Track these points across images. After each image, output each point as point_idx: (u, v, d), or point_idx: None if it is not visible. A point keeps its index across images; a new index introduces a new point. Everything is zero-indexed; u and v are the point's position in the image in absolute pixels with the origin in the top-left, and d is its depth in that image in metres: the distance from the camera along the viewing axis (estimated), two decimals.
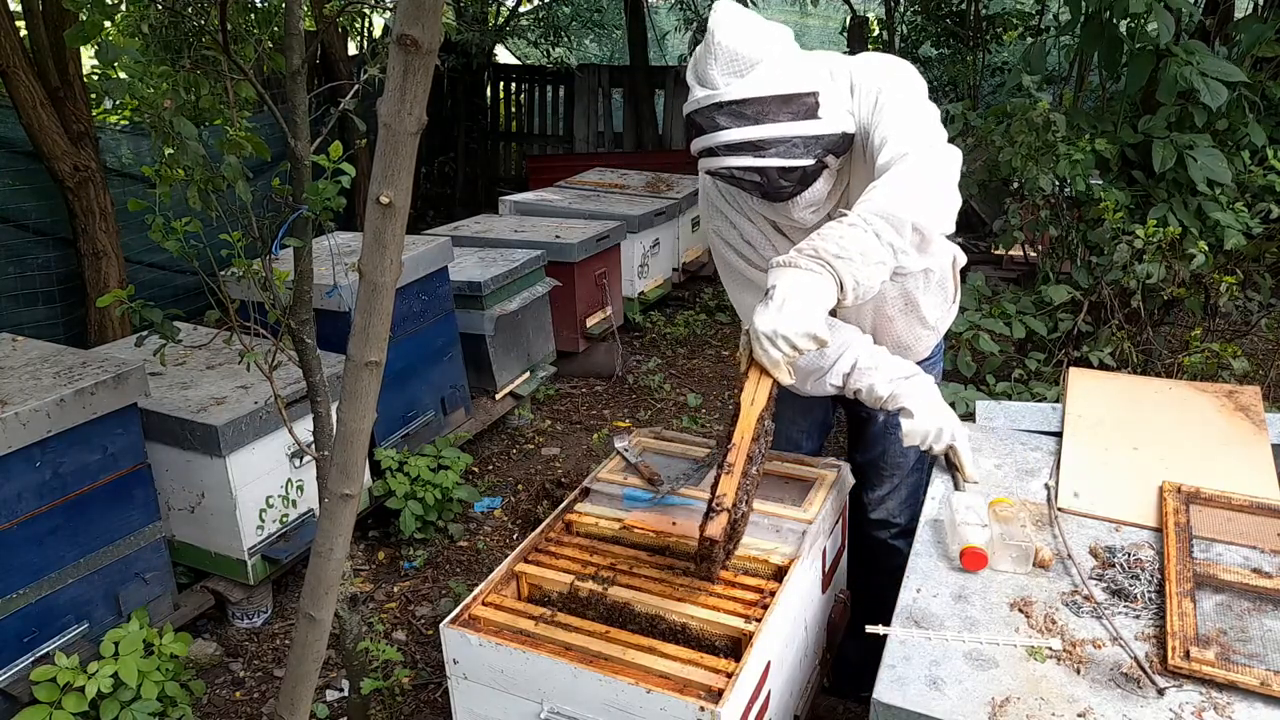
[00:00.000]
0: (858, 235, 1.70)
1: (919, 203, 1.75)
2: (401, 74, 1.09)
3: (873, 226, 1.71)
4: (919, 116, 1.88)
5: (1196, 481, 1.94)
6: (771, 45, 1.80)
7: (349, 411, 1.34)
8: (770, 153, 1.81)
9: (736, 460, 1.75)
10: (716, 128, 1.81)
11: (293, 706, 1.58)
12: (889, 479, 2.42)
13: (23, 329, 4.35)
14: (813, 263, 1.68)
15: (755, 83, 1.78)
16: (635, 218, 5.63)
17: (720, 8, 1.81)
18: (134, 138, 5.28)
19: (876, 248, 1.70)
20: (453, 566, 3.60)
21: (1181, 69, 3.30)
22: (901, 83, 1.94)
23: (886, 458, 2.40)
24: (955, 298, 2.33)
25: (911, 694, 1.48)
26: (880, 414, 2.37)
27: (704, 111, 1.82)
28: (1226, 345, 3.22)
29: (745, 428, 1.75)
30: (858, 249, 1.69)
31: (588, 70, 9.37)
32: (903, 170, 1.78)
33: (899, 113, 1.87)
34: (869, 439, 2.44)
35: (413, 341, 3.90)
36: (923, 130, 1.85)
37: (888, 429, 2.38)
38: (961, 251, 2.31)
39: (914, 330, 2.25)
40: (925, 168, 1.79)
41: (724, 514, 1.72)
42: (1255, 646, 1.54)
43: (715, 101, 1.79)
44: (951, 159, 1.85)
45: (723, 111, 1.79)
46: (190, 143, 1.98)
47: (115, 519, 2.79)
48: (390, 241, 1.20)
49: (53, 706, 2.39)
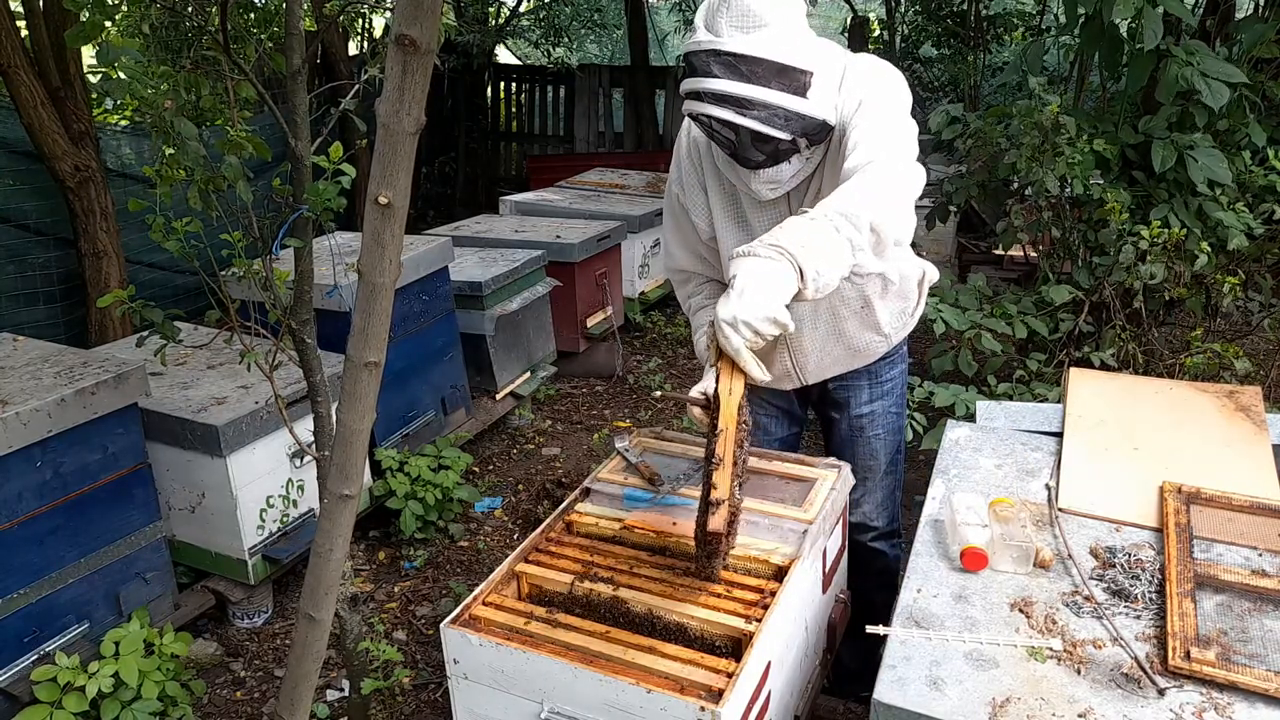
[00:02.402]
0: (818, 228, 1.71)
1: (877, 206, 1.77)
2: (400, 74, 1.09)
3: (832, 222, 1.72)
4: (895, 129, 1.91)
5: (1197, 482, 1.94)
6: (784, 12, 1.82)
7: (348, 412, 1.34)
8: (751, 115, 1.83)
9: (725, 451, 1.74)
10: (709, 74, 1.82)
11: (293, 706, 1.58)
12: (861, 481, 2.43)
13: (23, 329, 4.35)
14: (772, 250, 1.68)
15: (758, 43, 1.79)
16: (636, 218, 5.63)
17: None
18: (134, 138, 5.29)
19: (836, 241, 1.71)
20: (453, 566, 3.60)
21: (1182, 69, 3.30)
22: (887, 92, 1.95)
23: (857, 460, 2.41)
24: (916, 310, 2.37)
25: (912, 694, 1.48)
26: (844, 418, 2.42)
27: (701, 55, 1.83)
28: (1228, 346, 3.22)
29: (728, 418, 1.75)
30: (817, 241, 1.69)
31: (588, 70, 9.37)
32: (866, 177, 1.81)
33: (876, 121, 1.90)
34: (837, 442, 2.48)
35: (413, 341, 3.90)
36: (894, 144, 1.88)
37: (854, 432, 2.42)
38: (934, 269, 2.35)
39: (865, 335, 2.28)
40: (887, 178, 1.82)
41: (723, 506, 1.72)
42: (1256, 647, 1.54)
43: (714, 48, 1.81)
44: (915, 178, 1.88)
45: (719, 60, 1.81)
46: (191, 143, 1.98)
47: (116, 519, 2.79)
48: (389, 242, 1.20)
49: (53, 706, 2.40)
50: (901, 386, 2.47)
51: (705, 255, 2.31)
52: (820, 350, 2.28)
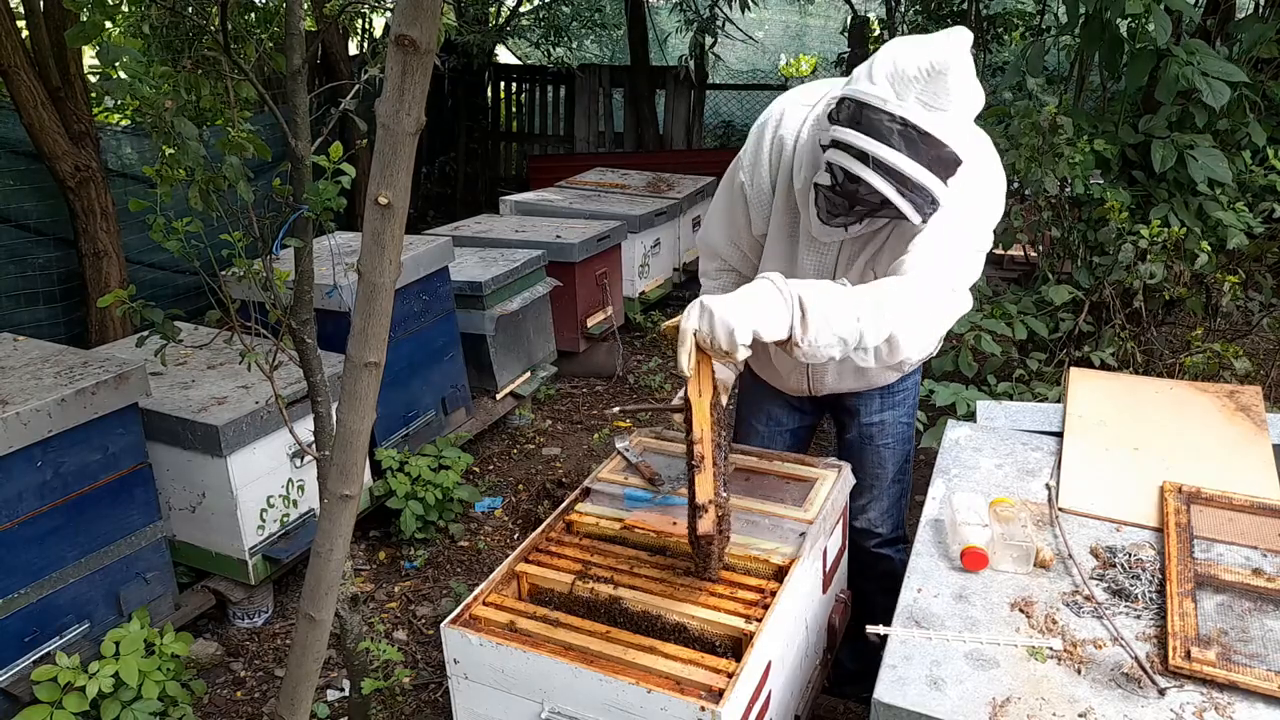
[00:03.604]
0: (841, 304, 1.70)
1: (907, 324, 1.77)
2: (400, 74, 1.09)
3: (859, 310, 1.71)
4: (964, 247, 1.90)
5: (1197, 481, 1.94)
6: (970, 98, 1.76)
7: (348, 412, 1.34)
8: (908, 195, 1.75)
9: (704, 454, 1.74)
10: (885, 140, 1.72)
11: (293, 706, 1.58)
12: (868, 488, 2.44)
13: (23, 329, 4.35)
14: (792, 297, 1.67)
15: (944, 125, 1.72)
16: (636, 218, 5.63)
17: (960, 39, 1.74)
18: (135, 138, 5.29)
19: (848, 326, 1.70)
20: (453, 566, 3.60)
21: (1182, 69, 3.30)
22: (976, 205, 1.92)
23: (865, 467, 2.42)
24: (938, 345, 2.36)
25: (912, 694, 1.48)
26: (854, 425, 2.43)
27: (883, 118, 1.72)
28: (1228, 345, 3.22)
29: (701, 420, 1.74)
30: (834, 317, 1.68)
31: (588, 70, 9.37)
32: (914, 289, 1.79)
33: (952, 232, 1.87)
34: (846, 447, 2.48)
35: (413, 341, 3.89)
36: (956, 263, 1.88)
37: (863, 440, 2.42)
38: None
39: (886, 373, 2.32)
40: (932, 300, 1.82)
41: (711, 508, 1.73)
42: (1256, 647, 1.54)
43: (905, 118, 1.71)
44: (958, 307, 1.88)
45: (904, 133, 1.72)
46: (191, 143, 1.98)
47: (116, 519, 2.79)
48: (389, 242, 1.20)
49: (54, 706, 2.39)
50: (913, 396, 2.46)
51: (741, 247, 2.27)
52: (837, 375, 2.31)
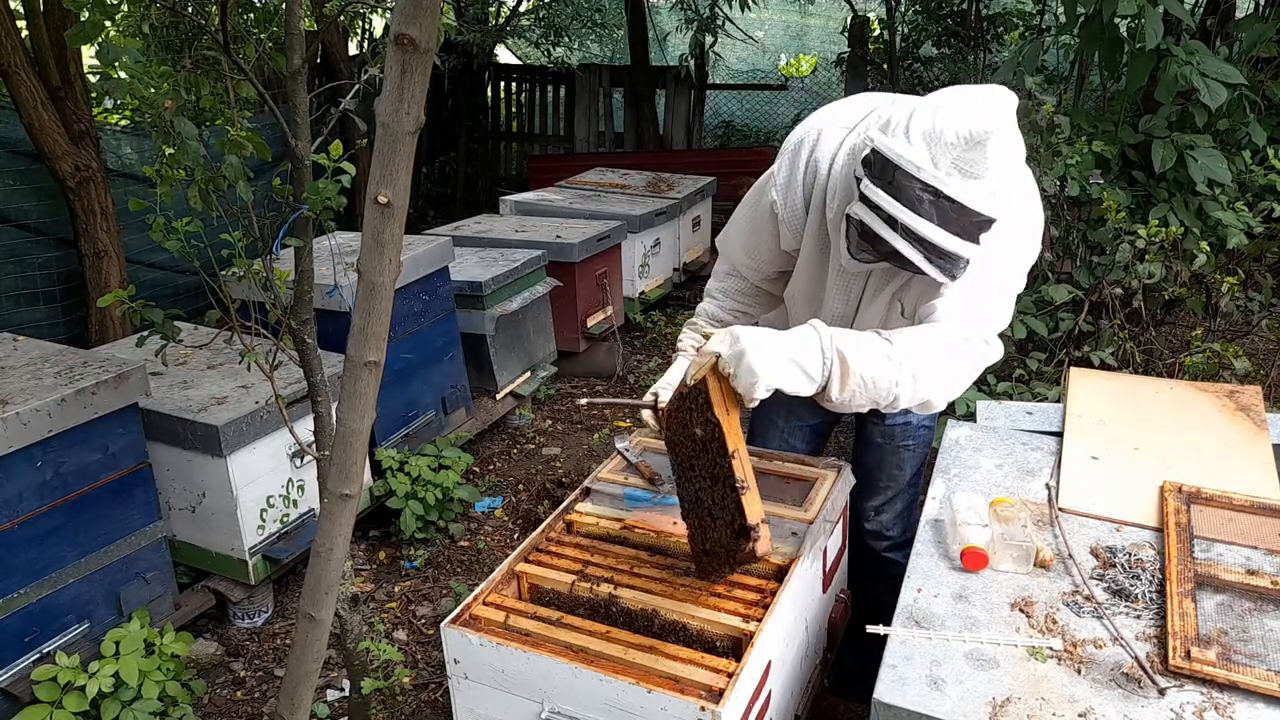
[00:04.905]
0: (881, 371, 1.72)
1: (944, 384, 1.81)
2: (399, 74, 1.09)
3: (899, 376, 1.73)
4: (998, 295, 1.90)
5: (1197, 481, 1.94)
6: (1008, 165, 1.69)
7: (348, 411, 1.34)
8: (935, 261, 1.70)
9: (745, 473, 1.69)
10: (916, 209, 1.66)
11: (293, 706, 1.58)
12: (884, 490, 2.42)
13: (23, 329, 4.35)
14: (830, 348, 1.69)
15: (976, 193, 1.65)
16: (636, 218, 5.63)
17: (1004, 103, 1.67)
18: (135, 138, 5.28)
19: (884, 391, 1.73)
20: (453, 566, 3.60)
21: (1181, 69, 3.30)
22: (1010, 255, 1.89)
23: (883, 468, 2.40)
24: None
25: (912, 694, 1.48)
26: (878, 424, 2.40)
27: (915, 185, 1.65)
28: (1228, 345, 3.22)
29: (735, 438, 1.70)
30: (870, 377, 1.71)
31: (588, 70, 9.36)
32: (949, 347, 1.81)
33: (988, 280, 1.85)
34: (866, 444, 2.45)
35: (413, 341, 3.89)
36: (989, 312, 1.88)
37: (885, 439, 2.40)
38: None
39: None
40: (968, 359, 1.84)
41: (763, 526, 1.68)
42: (1256, 646, 1.54)
43: (936, 188, 1.64)
44: (989, 355, 1.89)
45: (937, 204, 1.65)
46: (191, 143, 1.98)
47: (116, 519, 2.79)
48: (389, 241, 1.20)
49: (53, 706, 2.39)
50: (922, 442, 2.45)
51: (756, 260, 2.22)
52: None
